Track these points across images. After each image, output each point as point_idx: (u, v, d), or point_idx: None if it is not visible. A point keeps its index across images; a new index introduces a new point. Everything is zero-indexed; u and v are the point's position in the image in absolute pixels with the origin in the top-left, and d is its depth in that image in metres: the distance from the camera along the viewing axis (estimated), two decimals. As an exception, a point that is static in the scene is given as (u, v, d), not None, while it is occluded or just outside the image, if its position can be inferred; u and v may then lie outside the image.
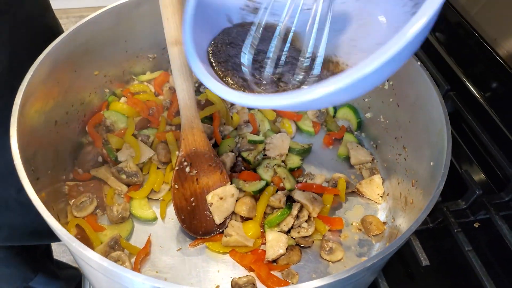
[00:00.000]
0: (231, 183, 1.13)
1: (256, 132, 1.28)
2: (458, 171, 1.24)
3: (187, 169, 1.10)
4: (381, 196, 1.16)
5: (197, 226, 1.07)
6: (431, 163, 0.89)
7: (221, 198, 1.08)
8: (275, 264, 1.03)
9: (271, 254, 1.02)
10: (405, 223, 0.99)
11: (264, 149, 1.23)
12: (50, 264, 1.71)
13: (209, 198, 1.08)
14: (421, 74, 0.96)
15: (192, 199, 1.09)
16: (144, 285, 0.65)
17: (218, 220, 1.07)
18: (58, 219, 0.96)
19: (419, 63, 0.97)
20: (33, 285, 1.56)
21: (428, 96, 0.94)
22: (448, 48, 1.37)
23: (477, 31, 1.25)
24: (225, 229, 1.06)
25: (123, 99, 1.28)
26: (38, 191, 0.78)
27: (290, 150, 1.24)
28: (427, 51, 1.38)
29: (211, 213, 1.08)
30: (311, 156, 1.27)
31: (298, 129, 1.33)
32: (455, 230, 1.05)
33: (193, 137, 1.11)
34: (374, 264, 0.71)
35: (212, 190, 1.10)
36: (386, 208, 1.14)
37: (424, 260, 1.00)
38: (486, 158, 1.23)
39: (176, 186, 1.09)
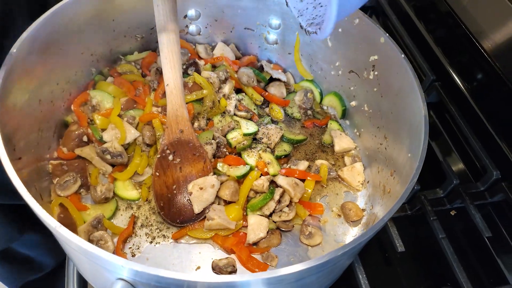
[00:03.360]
0: (216, 168, 1.14)
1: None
2: (438, 160, 1.27)
3: (170, 157, 1.11)
4: (361, 183, 1.18)
5: (176, 214, 1.08)
6: (409, 155, 0.91)
7: (201, 188, 1.08)
8: (255, 247, 1.06)
9: (252, 237, 1.05)
10: (381, 211, 1.02)
11: (256, 134, 1.24)
12: (40, 229, 1.69)
13: (189, 187, 1.09)
14: (404, 67, 0.97)
15: (174, 186, 1.10)
16: (123, 267, 0.67)
17: (197, 210, 1.07)
18: (41, 197, 0.97)
19: (403, 55, 0.98)
20: (15, 247, 1.54)
21: (410, 89, 0.95)
22: (436, 38, 1.38)
23: (464, 23, 1.26)
24: (203, 219, 1.07)
25: (109, 79, 1.27)
26: (19, 170, 0.79)
27: (282, 138, 1.26)
28: (415, 39, 1.39)
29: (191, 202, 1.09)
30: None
31: (287, 114, 1.35)
32: (431, 218, 1.08)
33: (177, 125, 1.10)
34: (350, 250, 0.74)
35: (194, 180, 1.10)
36: (366, 195, 1.17)
37: (400, 247, 1.03)
38: (465, 148, 1.26)
39: (158, 173, 1.09)
